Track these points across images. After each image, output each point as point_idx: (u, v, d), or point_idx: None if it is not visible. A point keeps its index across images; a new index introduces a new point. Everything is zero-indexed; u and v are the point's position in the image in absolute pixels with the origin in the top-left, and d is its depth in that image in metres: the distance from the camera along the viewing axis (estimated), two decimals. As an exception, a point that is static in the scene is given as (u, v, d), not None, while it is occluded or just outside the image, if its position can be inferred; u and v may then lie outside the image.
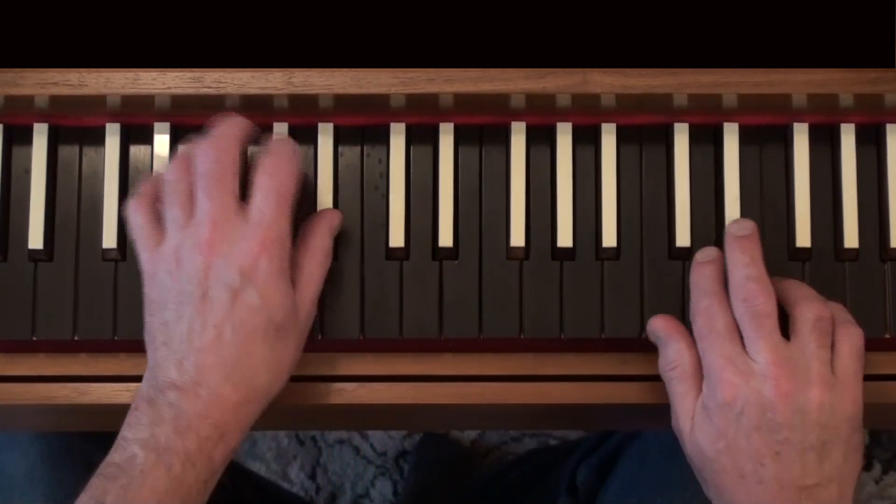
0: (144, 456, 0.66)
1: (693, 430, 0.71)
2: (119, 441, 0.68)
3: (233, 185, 0.69)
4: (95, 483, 0.67)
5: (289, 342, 0.70)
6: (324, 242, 0.72)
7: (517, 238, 0.75)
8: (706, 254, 0.74)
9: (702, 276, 0.73)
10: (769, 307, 0.70)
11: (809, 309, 0.70)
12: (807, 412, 0.68)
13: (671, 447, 0.89)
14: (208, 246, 0.68)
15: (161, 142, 0.76)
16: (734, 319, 0.71)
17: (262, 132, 0.74)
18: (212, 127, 0.71)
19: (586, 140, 0.76)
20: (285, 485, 1.44)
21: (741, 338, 0.70)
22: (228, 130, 0.71)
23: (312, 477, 1.45)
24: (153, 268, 0.70)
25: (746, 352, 0.70)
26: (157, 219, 0.71)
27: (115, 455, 0.67)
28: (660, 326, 0.73)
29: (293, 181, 0.70)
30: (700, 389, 0.71)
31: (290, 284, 0.70)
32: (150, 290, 0.70)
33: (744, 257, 0.71)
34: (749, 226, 0.73)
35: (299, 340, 0.72)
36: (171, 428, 0.67)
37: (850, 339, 0.71)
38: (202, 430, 0.67)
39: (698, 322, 0.71)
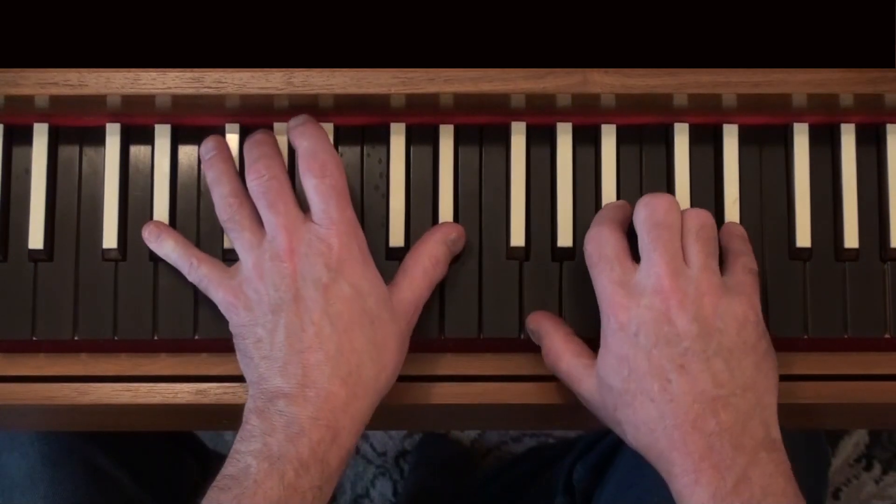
0: (257, 466, 0.66)
1: (598, 377, 0.70)
2: (232, 454, 0.68)
3: (291, 193, 0.71)
4: (210, 495, 0.67)
5: (387, 333, 0.70)
6: (433, 249, 0.73)
7: (517, 238, 0.75)
8: (617, 201, 0.74)
9: (604, 209, 0.73)
10: (671, 218, 0.69)
11: (691, 218, 0.70)
12: (703, 318, 0.67)
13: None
14: (288, 251, 0.69)
15: (161, 142, 0.76)
16: (624, 244, 0.70)
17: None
18: (248, 149, 0.73)
19: (586, 140, 0.76)
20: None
21: (631, 262, 0.69)
22: (267, 149, 0.72)
23: (312, 477, 1.45)
24: (234, 296, 0.71)
25: (638, 269, 0.69)
26: (217, 261, 0.73)
27: (229, 467, 0.68)
28: (529, 322, 0.74)
29: (342, 172, 0.72)
30: (580, 356, 0.71)
31: (377, 272, 0.71)
32: (237, 317, 0.71)
33: (657, 195, 0.71)
34: None
35: (399, 337, 0.71)
36: (284, 436, 0.67)
37: (746, 262, 0.71)
38: (314, 433, 0.67)
39: (588, 249, 0.71)
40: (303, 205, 0.72)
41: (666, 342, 0.67)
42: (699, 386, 0.66)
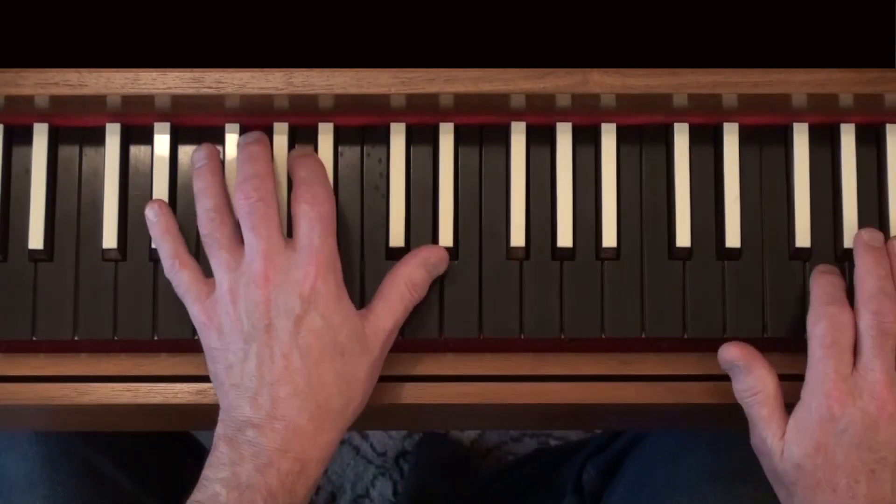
0: (226, 495, 0.67)
1: (787, 447, 0.71)
2: (201, 481, 0.69)
3: (277, 219, 0.71)
4: None
5: (357, 364, 0.71)
6: (409, 273, 0.73)
7: (517, 238, 0.75)
8: (828, 267, 0.73)
9: (829, 282, 0.72)
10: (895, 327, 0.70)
11: None
12: None
13: (677, 450, 0.89)
14: (264, 279, 0.69)
15: (161, 142, 0.76)
16: (855, 335, 0.70)
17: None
18: (241, 163, 0.72)
19: (586, 140, 0.76)
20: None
21: (853, 355, 0.70)
22: (259, 168, 0.72)
23: (312, 477, 1.44)
24: (208, 316, 0.71)
25: (856, 365, 0.69)
26: (201, 272, 0.72)
27: (197, 494, 0.68)
28: (737, 356, 0.73)
29: (332, 203, 0.72)
30: (782, 409, 0.71)
31: (350, 304, 0.71)
32: (209, 339, 0.71)
33: (879, 269, 0.71)
34: (880, 237, 0.73)
35: (371, 366, 0.71)
36: (252, 465, 0.67)
37: None
38: (283, 465, 0.68)
39: (822, 326, 0.70)
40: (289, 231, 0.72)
41: (867, 447, 0.69)
42: (881, 493, 0.69)
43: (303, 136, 0.76)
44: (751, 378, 0.72)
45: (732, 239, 0.75)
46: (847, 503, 0.69)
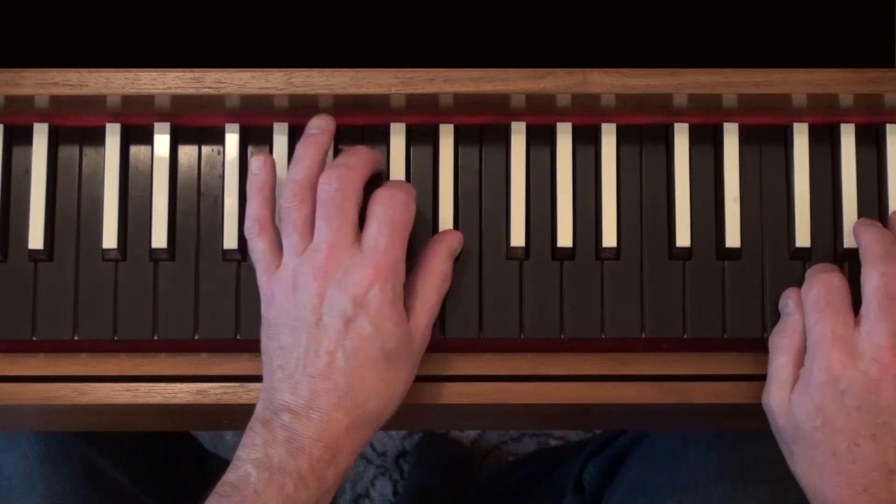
0: (258, 475, 0.67)
1: (789, 405, 0.70)
2: (234, 461, 0.69)
3: (353, 214, 0.70)
4: (210, 502, 0.68)
5: (400, 370, 0.71)
6: (441, 266, 0.73)
7: (517, 238, 0.75)
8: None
9: (822, 262, 0.72)
10: None
11: None
12: None
13: (679, 449, 0.89)
14: (323, 272, 0.69)
15: (161, 142, 0.76)
16: (850, 297, 0.70)
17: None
18: (346, 151, 0.72)
19: (586, 140, 0.76)
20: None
21: (853, 317, 0.69)
22: (354, 161, 0.72)
23: (312, 477, 1.44)
24: (271, 291, 0.71)
25: (857, 327, 0.69)
26: (278, 243, 0.72)
27: (229, 475, 0.69)
28: (794, 300, 0.72)
29: (409, 213, 0.71)
30: (800, 366, 0.71)
31: (404, 313, 0.71)
32: (268, 313, 0.71)
33: (885, 237, 0.71)
34: (877, 222, 0.73)
35: (412, 368, 0.72)
36: (285, 449, 0.68)
37: None
38: (314, 451, 0.68)
39: (815, 290, 0.70)
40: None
41: (868, 409, 0.68)
42: (883, 457, 0.68)
43: (303, 136, 0.76)
44: (789, 321, 0.72)
45: (732, 239, 0.75)
46: (846, 467, 0.68)
